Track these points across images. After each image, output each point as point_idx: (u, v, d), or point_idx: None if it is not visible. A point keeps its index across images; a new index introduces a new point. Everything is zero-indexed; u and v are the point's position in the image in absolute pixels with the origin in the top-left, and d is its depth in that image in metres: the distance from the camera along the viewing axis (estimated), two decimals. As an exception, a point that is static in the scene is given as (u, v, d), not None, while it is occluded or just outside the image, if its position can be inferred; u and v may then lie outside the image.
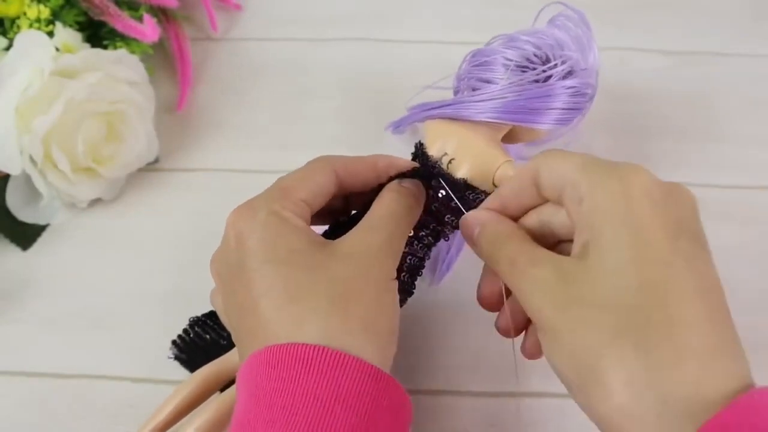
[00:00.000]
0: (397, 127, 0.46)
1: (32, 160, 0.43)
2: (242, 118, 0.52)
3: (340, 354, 0.27)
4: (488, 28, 0.47)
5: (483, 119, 0.37)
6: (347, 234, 0.31)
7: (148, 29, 0.47)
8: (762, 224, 0.46)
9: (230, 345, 0.37)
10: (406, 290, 0.35)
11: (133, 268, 0.44)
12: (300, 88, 0.53)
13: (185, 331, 0.41)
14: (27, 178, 0.44)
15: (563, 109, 0.37)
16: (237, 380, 0.29)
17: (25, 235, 0.45)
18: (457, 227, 0.37)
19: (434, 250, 0.44)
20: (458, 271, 0.44)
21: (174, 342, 0.41)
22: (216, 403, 0.34)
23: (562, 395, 0.39)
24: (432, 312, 0.42)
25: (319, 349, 0.26)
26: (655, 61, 0.55)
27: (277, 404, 0.26)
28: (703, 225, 0.45)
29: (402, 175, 0.36)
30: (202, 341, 0.40)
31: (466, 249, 0.44)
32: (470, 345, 0.41)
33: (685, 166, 0.49)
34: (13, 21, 0.46)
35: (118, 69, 0.45)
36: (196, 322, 0.41)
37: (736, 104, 0.52)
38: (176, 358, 0.40)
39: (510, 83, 0.37)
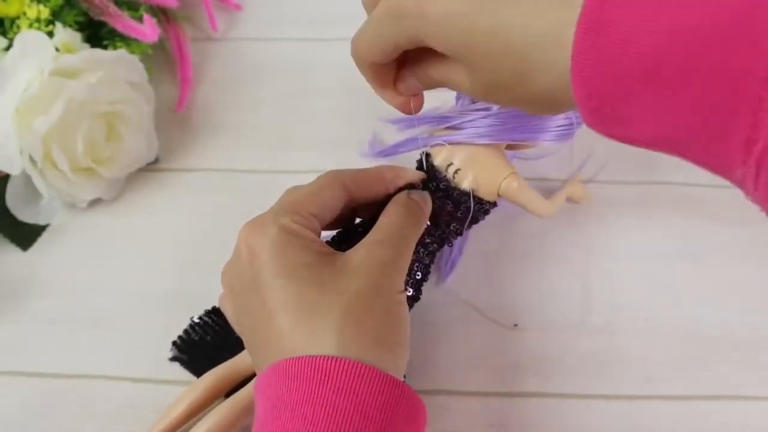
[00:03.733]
0: (389, 155, 0.45)
1: (32, 160, 0.43)
2: (242, 118, 0.52)
3: (358, 364, 0.27)
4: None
5: (482, 142, 0.37)
6: (356, 247, 0.32)
7: (148, 29, 0.47)
8: (761, 224, 0.46)
9: (233, 343, 0.37)
10: (412, 296, 0.36)
11: (133, 268, 0.44)
12: (300, 88, 0.53)
13: (186, 332, 0.41)
14: (27, 178, 0.44)
15: (563, 125, 0.38)
16: (255, 390, 0.30)
17: (25, 235, 0.45)
18: (460, 234, 0.38)
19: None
20: (458, 271, 0.44)
21: (174, 343, 0.41)
22: (225, 407, 0.34)
23: (562, 395, 0.39)
24: (432, 312, 0.42)
25: (337, 361, 0.27)
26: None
27: (298, 415, 0.26)
28: (704, 225, 0.45)
29: (409, 186, 0.36)
30: (202, 342, 0.40)
31: (468, 249, 0.44)
32: (470, 345, 0.41)
33: (685, 165, 0.48)
34: (13, 21, 0.46)
35: (118, 69, 0.45)
36: (197, 323, 0.41)
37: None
38: (176, 359, 0.40)
39: None
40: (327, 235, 0.36)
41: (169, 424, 0.35)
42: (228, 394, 0.36)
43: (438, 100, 0.48)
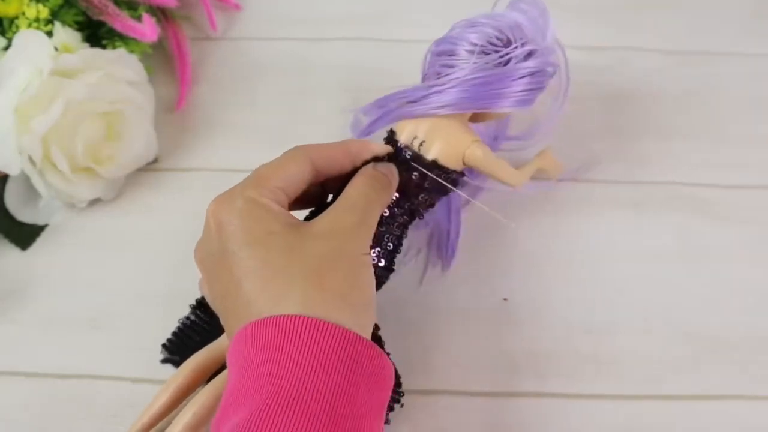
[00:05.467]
0: (368, 134, 0.46)
1: (31, 160, 0.43)
2: (242, 118, 0.52)
3: (319, 322, 0.28)
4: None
5: (446, 113, 0.38)
6: (321, 215, 0.33)
7: (147, 29, 0.47)
8: (762, 224, 0.46)
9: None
10: (386, 267, 0.36)
11: (132, 268, 0.44)
12: (300, 87, 0.53)
13: (174, 333, 0.41)
14: (26, 179, 0.44)
15: (523, 90, 0.38)
16: (227, 359, 0.31)
17: (25, 235, 0.45)
18: (431, 206, 0.39)
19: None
20: (457, 271, 0.44)
21: (164, 345, 0.41)
22: (208, 390, 0.34)
23: (562, 395, 0.39)
24: (431, 312, 0.42)
25: (299, 319, 0.28)
26: (655, 61, 0.55)
27: (263, 373, 0.27)
28: (704, 224, 0.46)
29: (376, 159, 0.37)
30: (191, 341, 0.40)
31: (470, 249, 0.44)
32: (469, 345, 0.41)
33: (684, 166, 0.49)
34: (12, 20, 0.46)
35: (118, 69, 0.45)
36: (185, 322, 0.41)
37: (736, 104, 0.52)
38: (168, 360, 0.40)
39: (471, 68, 0.38)
40: (302, 215, 0.37)
41: (155, 413, 0.35)
42: (211, 378, 0.36)
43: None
